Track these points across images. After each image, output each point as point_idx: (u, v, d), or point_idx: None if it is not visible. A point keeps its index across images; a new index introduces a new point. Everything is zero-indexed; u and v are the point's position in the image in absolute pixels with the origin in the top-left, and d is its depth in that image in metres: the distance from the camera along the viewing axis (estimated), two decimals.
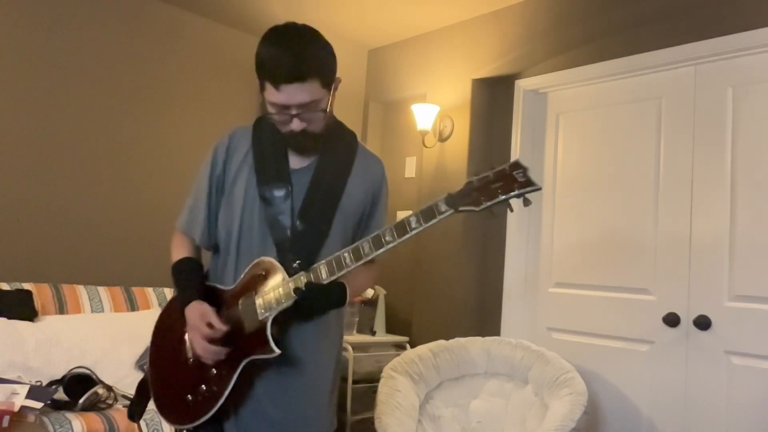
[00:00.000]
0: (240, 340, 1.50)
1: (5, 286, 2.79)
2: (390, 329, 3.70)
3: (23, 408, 2.12)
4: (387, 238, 1.41)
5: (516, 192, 1.36)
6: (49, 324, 2.74)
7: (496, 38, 3.42)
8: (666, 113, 2.91)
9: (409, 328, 3.64)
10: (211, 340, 1.49)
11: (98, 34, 3.36)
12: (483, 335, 3.13)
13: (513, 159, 1.40)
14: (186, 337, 1.58)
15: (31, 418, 2.15)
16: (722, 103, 2.73)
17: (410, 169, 3.84)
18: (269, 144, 1.62)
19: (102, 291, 3.07)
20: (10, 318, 2.63)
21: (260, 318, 1.48)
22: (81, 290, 3.02)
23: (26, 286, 2.86)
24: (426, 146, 3.66)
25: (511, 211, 1.40)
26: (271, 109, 1.49)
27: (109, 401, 2.46)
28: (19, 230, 3.09)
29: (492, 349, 3.01)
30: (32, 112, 3.15)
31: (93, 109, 3.34)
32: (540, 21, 3.22)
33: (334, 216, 1.58)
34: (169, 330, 1.64)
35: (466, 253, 3.45)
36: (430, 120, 3.55)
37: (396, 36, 3.94)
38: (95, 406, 2.39)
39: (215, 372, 1.52)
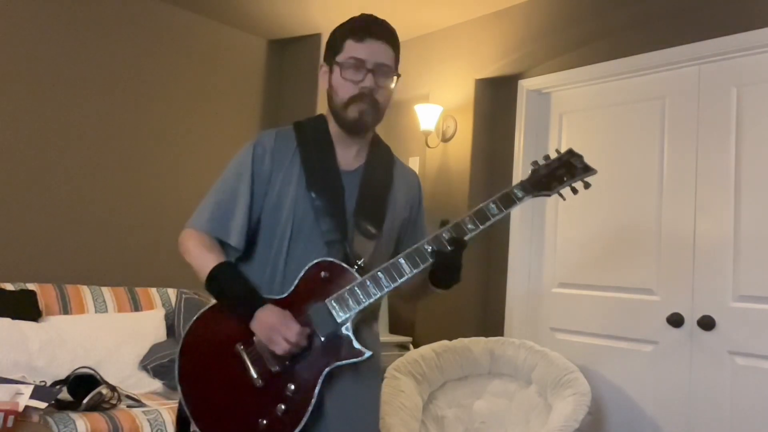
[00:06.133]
0: (315, 349, 1.41)
1: (9, 287, 2.80)
2: (393, 329, 3.70)
3: (27, 408, 2.12)
4: (469, 226, 1.45)
5: (579, 176, 1.48)
6: (53, 324, 2.74)
7: (499, 38, 3.41)
8: (669, 113, 2.90)
9: (412, 328, 3.63)
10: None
11: (101, 35, 3.37)
12: (486, 335, 3.13)
13: (565, 149, 1.56)
14: (245, 356, 1.42)
15: (35, 418, 2.16)
16: (726, 103, 2.72)
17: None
18: (315, 146, 1.56)
19: (106, 291, 3.08)
20: (14, 318, 2.63)
21: (339, 321, 1.40)
22: (85, 290, 3.03)
23: (30, 286, 2.87)
24: (429, 146, 3.66)
25: (575, 193, 1.51)
26: (347, 67, 1.51)
27: (113, 401, 2.45)
28: (23, 230, 3.10)
29: (495, 349, 3.01)
30: (36, 112, 3.16)
31: (97, 110, 3.35)
32: (543, 21, 3.22)
33: (384, 219, 1.56)
34: (213, 349, 1.46)
35: (470, 253, 3.43)
36: (433, 120, 3.55)
37: (398, 36, 3.93)
38: (99, 406, 2.39)
39: (293, 387, 1.40)
